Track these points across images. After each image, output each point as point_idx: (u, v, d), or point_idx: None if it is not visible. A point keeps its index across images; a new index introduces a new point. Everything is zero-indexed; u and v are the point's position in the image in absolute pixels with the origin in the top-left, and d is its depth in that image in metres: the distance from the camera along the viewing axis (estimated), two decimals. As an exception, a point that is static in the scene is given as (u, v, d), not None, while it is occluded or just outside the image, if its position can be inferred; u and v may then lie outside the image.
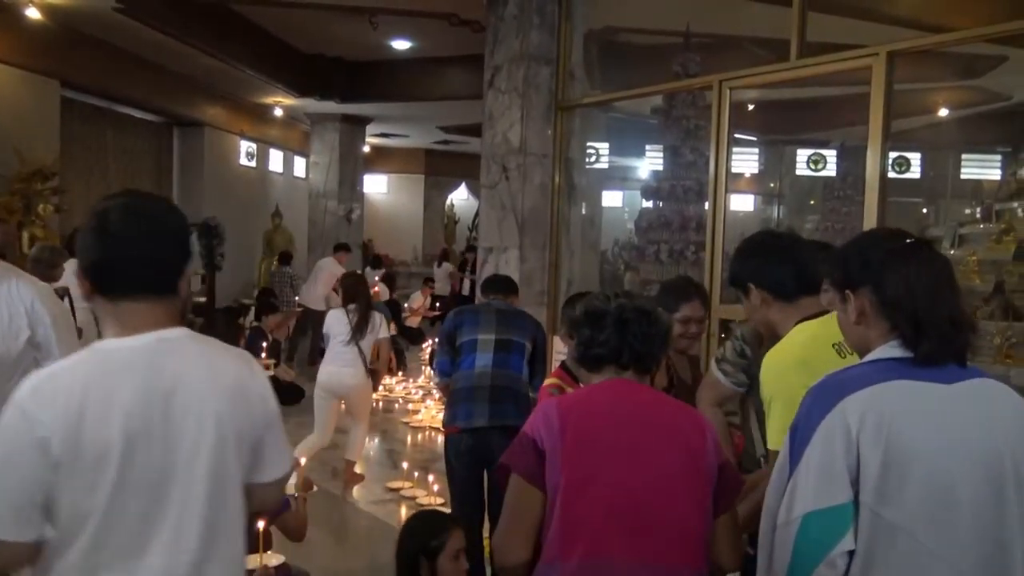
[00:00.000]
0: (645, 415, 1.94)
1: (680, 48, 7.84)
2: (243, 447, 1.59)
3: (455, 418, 3.81)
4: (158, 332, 1.53)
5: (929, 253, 1.64)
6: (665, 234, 7.71)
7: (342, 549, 4.58)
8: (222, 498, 1.54)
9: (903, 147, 12.74)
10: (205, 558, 1.51)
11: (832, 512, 1.49)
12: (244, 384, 1.63)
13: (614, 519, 1.80)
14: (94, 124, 10.74)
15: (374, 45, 10.52)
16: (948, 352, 1.57)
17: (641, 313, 2.01)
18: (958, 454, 1.49)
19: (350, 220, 13.86)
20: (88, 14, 8.25)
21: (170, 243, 1.59)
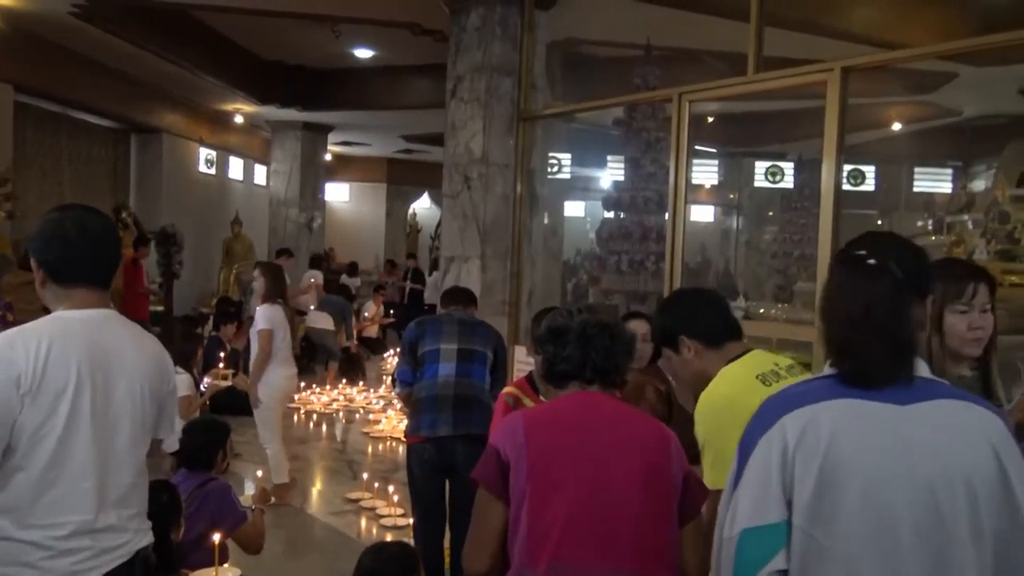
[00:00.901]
0: (608, 426, 1.98)
1: (641, 61, 7.93)
2: (154, 404, 2.14)
3: (419, 427, 3.80)
4: (99, 310, 2.07)
5: (852, 270, 1.55)
6: (626, 244, 7.78)
7: (300, 561, 4.53)
8: (141, 437, 2.11)
9: (858, 160, 13.02)
10: (130, 481, 2.08)
11: (765, 531, 1.46)
12: (160, 358, 2.21)
13: (577, 526, 1.84)
14: (48, 130, 10.54)
15: (336, 53, 10.48)
16: (871, 377, 1.48)
17: (603, 328, 2.06)
18: (901, 479, 1.41)
19: (311, 228, 13.76)
20: (44, 18, 8.11)
21: (110, 249, 2.18)
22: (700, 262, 15.11)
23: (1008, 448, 1.45)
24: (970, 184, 11.25)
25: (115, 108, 11.06)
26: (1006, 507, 1.42)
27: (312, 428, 7.82)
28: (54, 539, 1.88)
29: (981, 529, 1.40)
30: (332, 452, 7.19)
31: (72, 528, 1.90)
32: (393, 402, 8.68)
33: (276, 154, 13.67)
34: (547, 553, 1.83)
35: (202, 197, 13.40)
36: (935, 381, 1.53)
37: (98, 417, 1.95)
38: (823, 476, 1.42)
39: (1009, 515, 1.42)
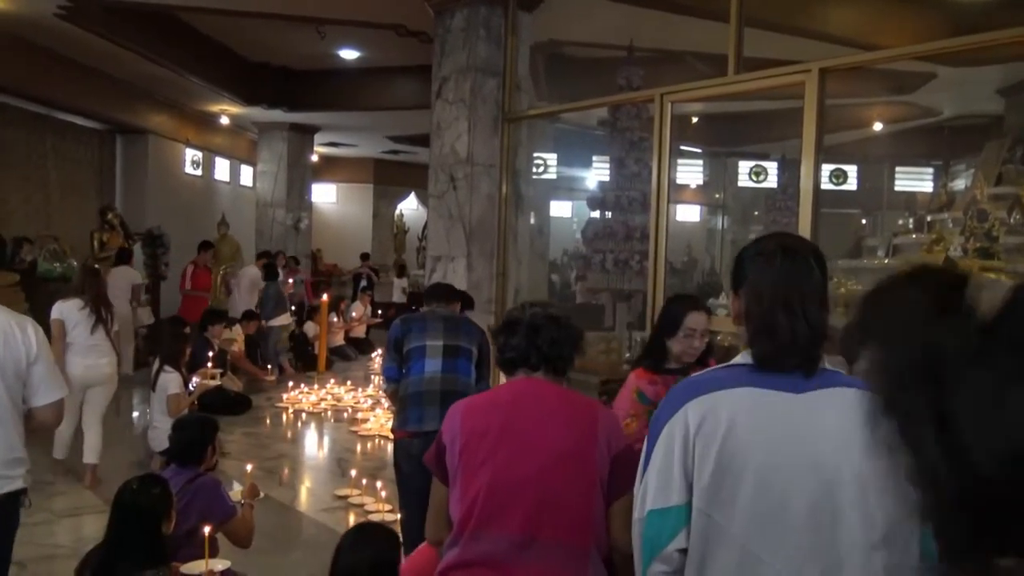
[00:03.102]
0: (536, 408, 2.13)
1: (625, 62, 8.02)
2: (18, 372, 2.57)
3: (406, 422, 3.85)
4: None
5: (787, 259, 1.60)
6: (610, 243, 7.86)
7: (289, 556, 4.57)
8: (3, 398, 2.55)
9: (840, 160, 13.15)
10: None
11: (668, 512, 1.53)
12: (11, 332, 2.55)
13: (492, 499, 2.01)
14: (33, 131, 10.53)
15: (322, 54, 10.52)
16: (787, 360, 1.54)
17: (551, 319, 2.23)
18: (792, 465, 1.47)
19: (298, 229, 13.79)
20: (28, 19, 8.12)
21: None
22: (687, 261, 15.22)
23: None
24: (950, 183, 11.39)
25: (100, 109, 11.06)
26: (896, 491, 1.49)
27: (300, 427, 7.86)
28: None
29: (871, 512, 1.46)
30: (321, 450, 7.25)
31: None
32: (381, 401, 8.73)
33: (262, 155, 13.68)
34: (470, 524, 2.01)
35: (188, 198, 13.40)
36: (833, 371, 1.60)
37: None
38: (721, 461, 1.50)
39: (898, 499, 1.46)
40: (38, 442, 6.64)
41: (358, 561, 2.55)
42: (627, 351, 8.23)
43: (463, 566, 2.02)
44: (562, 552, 1.97)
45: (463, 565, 2.02)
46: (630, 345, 8.47)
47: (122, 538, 2.74)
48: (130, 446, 6.74)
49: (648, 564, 1.58)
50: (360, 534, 2.69)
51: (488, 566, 1.98)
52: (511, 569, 1.97)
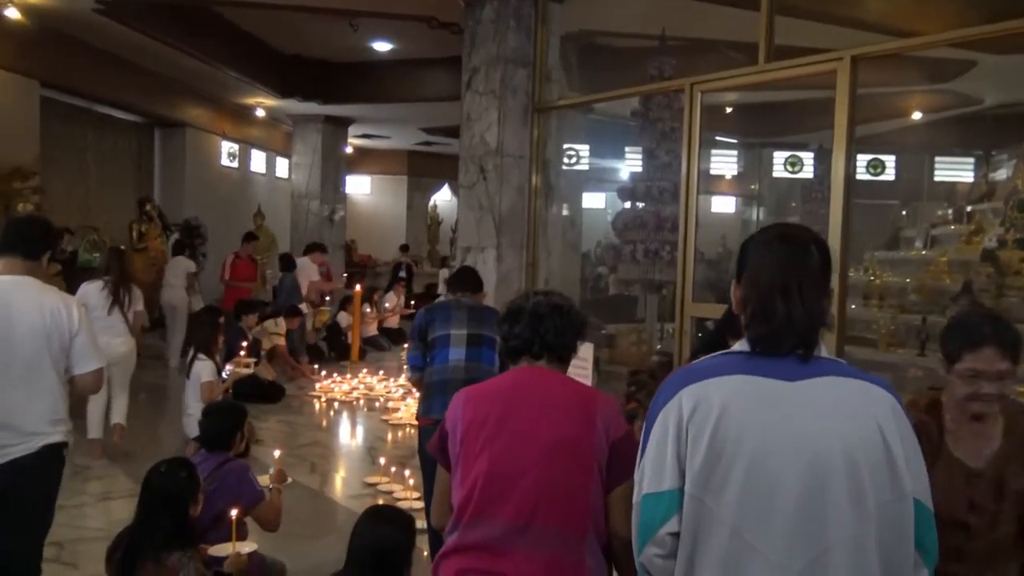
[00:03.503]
0: (541, 395, 2.15)
1: (656, 51, 7.96)
2: (61, 343, 2.98)
3: (430, 410, 3.88)
4: (11, 276, 2.98)
5: (784, 246, 1.61)
6: (641, 234, 7.83)
7: (319, 542, 4.64)
8: (38, 369, 2.94)
9: (878, 149, 12.93)
10: (31, 400, 2.93)
11: (661, 496, 1.56)
12: (57, 308, 2.98)
13: (489, 485, 2.03)
14: (74, 124, 10.75)
15: (355, 47, 10.59)
16: (782, 343, 1.55)
17: (554, 308, 2.25)
18: (783, 453, 1.48)
19: (333, 221, 13.91)
20: (68, 15, 8.29)
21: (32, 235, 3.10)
22: (721, 252, 15.09)
23: (893, 423, 1.51)
24: (991, 173, 11.15)
25: (139, 103, 11.26)
26: (889, 479, 1.48)
27: (333, 415, 7.96)
28: None
29: (863, 500, 1.46)
30: (352, 439, 7.33)
31: None
32: (412, 391, 8.80)
33: (297, 147, 13.82)
34: (469, 510, 2.05)
35: (225, 190, 13.60)
36: (832, 360, 1.60)
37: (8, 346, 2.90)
38: (712, 448, 1.51)
39: (892, 487, 1.48)
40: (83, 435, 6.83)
41: (367, 542, 2.60)
42: (658, 342, 8.21)
43: (462, 550, 2.06)
44: (559, 538, 1.99)
45: (462, 549, 2.06)
46: (661, 336, 8.44)
47: (150, 520, 2.82)
48: (167, 431, 6.89)
49: (642, 547, 1.60)
50: (372, 517, 2.73)
51: (486, 550, 2.02)
52: (508, 553, 1.99)
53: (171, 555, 2.77)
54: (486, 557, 2.01)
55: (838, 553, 1.45)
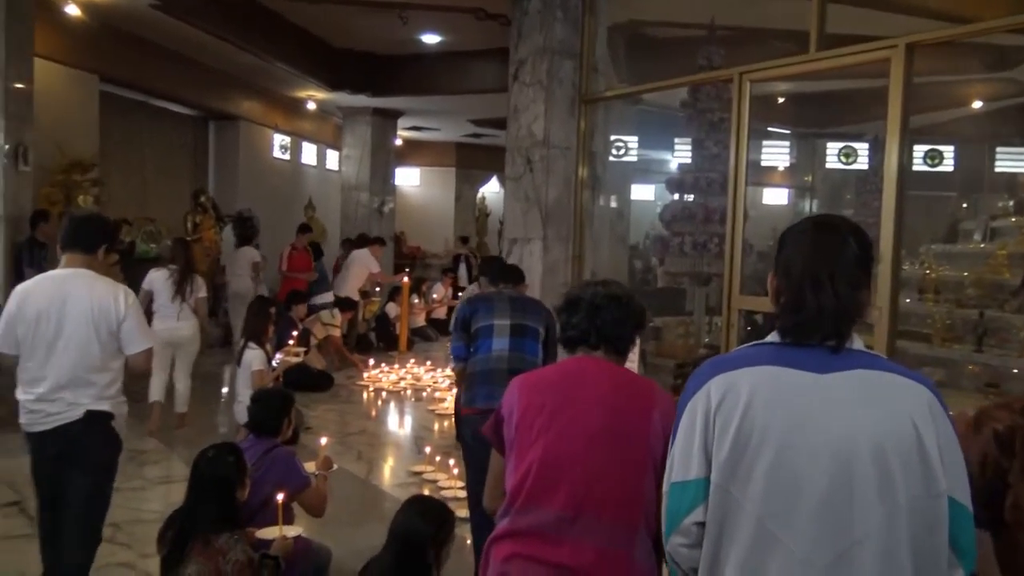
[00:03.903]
0: (597, 385, 2.15)
1: (705, 41, 7.87)
2: (109, 329, 3.33)
3: (474, 399, 3.90)
4: (72, 269, 3.37)
5: (818, 235, 1.60)
6: (689, 226, 7.76)
7: (364, 528, 4.71)
8: (86, 349, 3.30)
9: (935, 140, 12.59)
10: (80, 378, 3.30)
11: (687, 485, 1.55)
12: (107, 296, 3.33)
13: (542, 473, 2.04)
14: (132, 118, 11.02)
15: (404, 39, 10.67)
16: (812, 333, 1.53)
17: (612, 299, 2.25)
18: (809, 446, 1.46)
19: (382, 213, 14.04)
20: (126, 11, 8.49)
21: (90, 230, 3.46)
22: (771, 245, 14.84)
23: (928, 417, 1.46)
24: (1055, 163, 10.81)
25: (194, 96, 11.49)
26: (922, 475, 1.44)
27: (380, 405, 8.06)
28: (26, 403, 3.34)
29: (893, 495, 1.42)
30: (399, 428, 7.41)
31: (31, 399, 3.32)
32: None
33: (347, 140, 13.97)
34: (521, 496, 2.07)
35: (276, 182, 13.81)
36: (865, 353, 1.56)
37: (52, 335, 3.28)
38: (739, 438, 1.49)
39: (924, 483, 1.44)
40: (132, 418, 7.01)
41: (399, 529, 2.65)
42: (705, 335, 8.14)
43: (513, 535, 2.07)
44: (608, 529, 1.99)
45: (513, 534, 2.07)
46: (709, 329, 8.36)
47: (199, 503, 2.90)
48: (224, 418, 7.06)
49: (668, 537, 1.60)
50: (408, 506, 2.77)
51: (537, 537, 2.03)
52: (559, 541, 2.00)
53: (219, 537, 2.84)
54: (536, 544, 2.02)
55: (866, 549, 1.42)
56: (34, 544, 4.15)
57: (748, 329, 8.10)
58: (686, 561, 1.59)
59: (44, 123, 7.53)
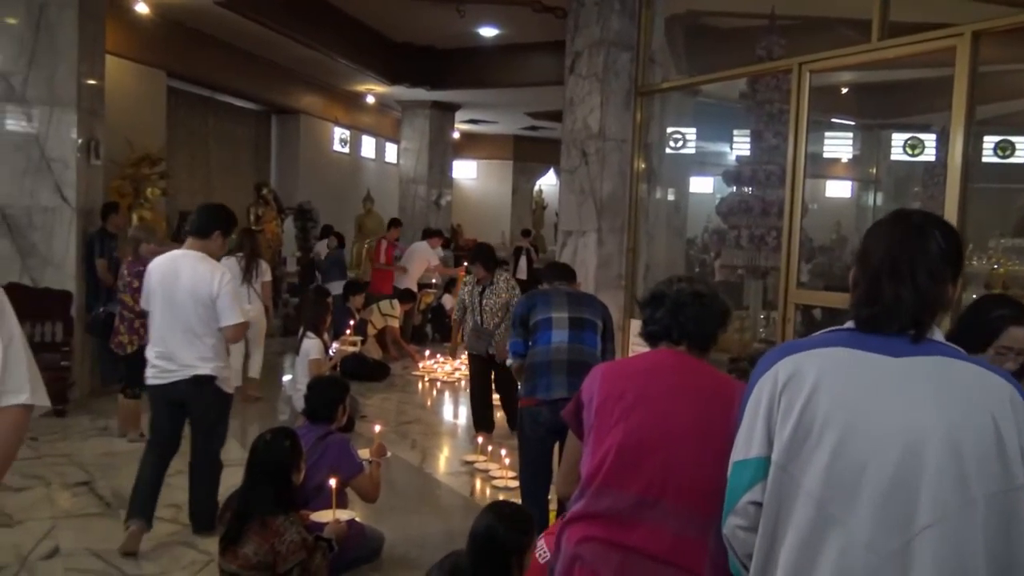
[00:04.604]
0: (679, 378, 2.14)
1: (765, 31, 7.74)
2: (204, 302, 3.94)
3: (535, 390, 3.91)
4: (186, 250, 4.06)
5: (900, 226, 1.57)
6: (746, 219, 7.65)
7: (418, 515, 4.79)
8: (190, 320, 3.94)
9: (1007, 131, 12.17)
10: (186, 341, 3.95)
11: (748, 463, 1.54)
12: (206, 274, 3.94)
13: (621, 458, 2.04)
14: (198, 112, 11.31)
15: (462, 33, 10.73)
16: (888, 323, 1.50)
17: (695, 296, 2.23)
18: (878, 430, 1.42)
19: (439, 205, 14.16)
20: (192, 8, 8.72)
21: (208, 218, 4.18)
22: (835, 239, 14.55)
23: (1008, 411, 1.41)
24: None
25: (257, 91, 11.74)
26: (1000, 470, 1.38)
27: (435, 395, 8.16)
28: (150, 359, 4.04)
29: (966, 488, 1.37)
30: (453, 418, 7.49)
31: (153, 356, 4.01)
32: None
33: (406, 133, 14.12)
34: (597, 479, 2.06)
35: (336, 175, 14.04)
36: (947, 344, 1.51)
37: (165, 304, 3.98)
38: (803, 419, 1.46)
39: (1003, 478, 1.38)
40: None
41: (481, 532, 2.65)
42: (761, 330, 8.03)
43: (587, 517, 2.08)
44: (685, 517, 1.99)
45: (587, 517, 2.08)
46: (766, 324, 8.24)
47: (256, 485, 2.99)
48: (282, 405, 7.23)
49: (726, 518, 1.59)
50: (493, 510, 2.77)
51: (611, 520, 2.03)
52: (633, 526, 2.01)
53: (276, 518, 2.93)
54: (610, 527, 2.03)
55: (933, 539, 1.38)
56: (103, 521, 4.34)
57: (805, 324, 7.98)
58: (742, 546, 1.58)
59: (114, 118, 7.78)
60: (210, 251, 4.09)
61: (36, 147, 6.73)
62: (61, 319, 6.66)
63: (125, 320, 5.69)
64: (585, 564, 2.05)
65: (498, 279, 6.19)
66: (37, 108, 6.70)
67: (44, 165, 6.75)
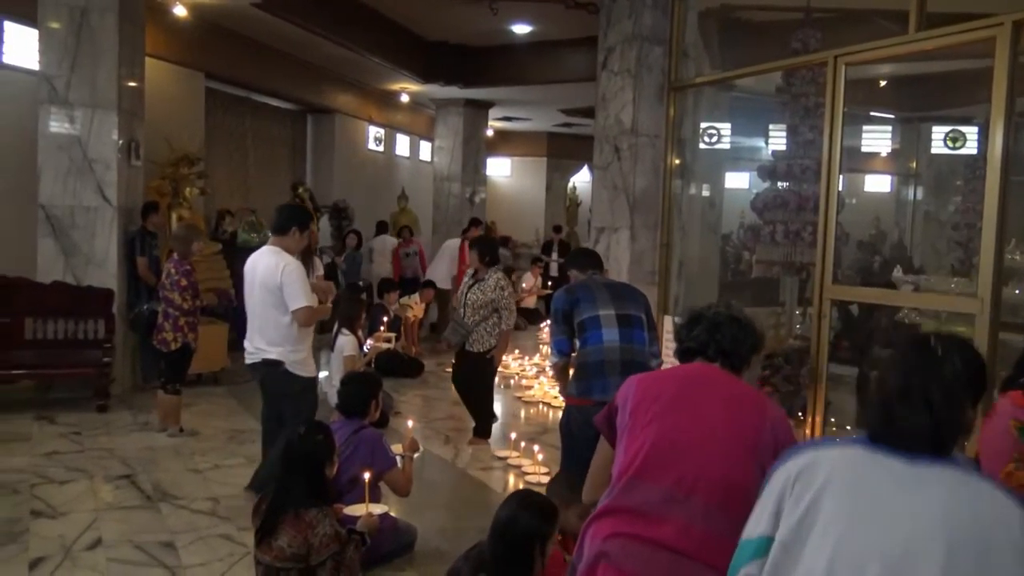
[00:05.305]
0: (713, 386, 2.20)
1: (800, 24, 7.64)
2: (272, 291, 4.31)
3: (589, 391, 3.83)
4: (268, 246, 4.48)
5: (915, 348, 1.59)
6: (781, 214, 7.55)
7: (450, 510, 4.83)
8: (263, 307, 4.38)
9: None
10: (259, 327, 4.43)
11: (750, 541, 1.58)
12: (272, 265, 4.31)
13: (653, 455, 2.08)
14: (235, 113, 11.46)
15: (495, 30, 10.75)
16: (903, 445, 1.49)
17: (732, 319, 2.34)
18: (880, 532, 1.42)
19: (473, 203, 14.20)
20: (229, 10, 8.85)
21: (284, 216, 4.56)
22: (874, 235, 14.32)
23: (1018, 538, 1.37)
24: None
25: (293, 91, 11.87)
26: None
27: (468, 392, 8.19)
28: None
29: None
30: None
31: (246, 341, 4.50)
32: (546, 369, 8.92)
33: (439, 131, 14.18)
34: (628, 474, 2.11)
35: (371, 173, 14.14)
36: (963, 459, 1.51)
37: (248, 294, 4.47)
38: (811, 508, 1.48)
39: None
40: (233, 399, 7.30)
41: (504, 520, 2.67)
42: (797, 326, 7.94)
43: (614, 513, 2.09)
44: (716, 516, 2.00)
45: (614, 512, 2.09)
46: (802, 320, 8.16)
47: (290, 478, 3.04)
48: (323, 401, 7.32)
49: None
50: (516, 499, 2.78)
51: (640, 515, 2.04)
52: (662, 521, 2.02)
53: (309, 511, 2.98)
54: (637, 522, 2.04)
55: None
56: (144, 513, 4.44)
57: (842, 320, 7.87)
58: None
59: (154, 119, 7.92)
60: (287, 246, 4.43)
61: (78, 148, 6.88)
62: (103, 316, 6.81)
63: (170, 317, 5.79)
64: (611, 560, 2.05)
65: (490, 277, 6.05)
66: (79, 110, 6.86)
67: (86, 166, 6.90)
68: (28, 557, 3.80)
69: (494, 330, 6.00)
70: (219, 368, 7.81)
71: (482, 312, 5.98)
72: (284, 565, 2.95)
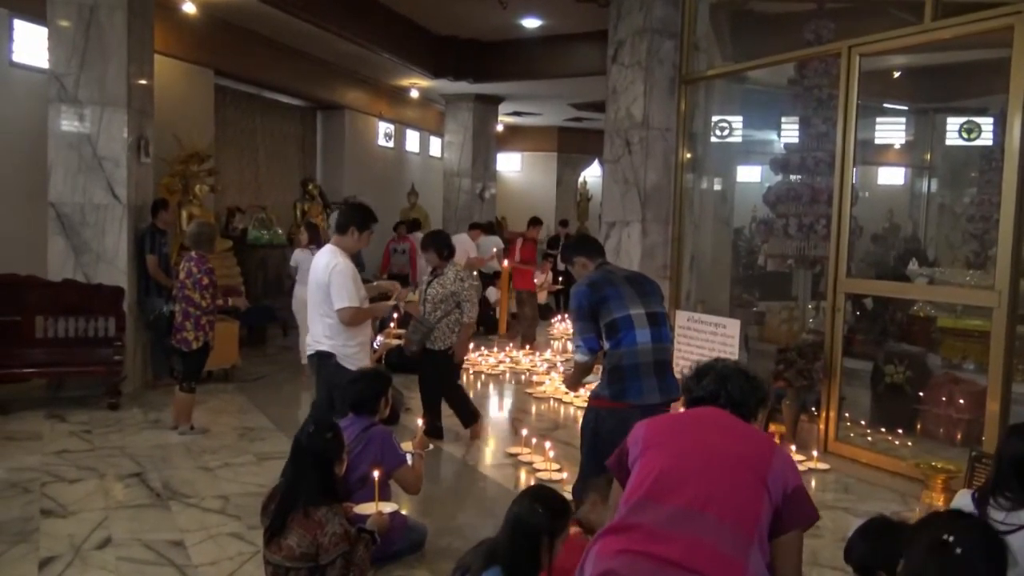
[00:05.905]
0: (723, 424, 2.27)
1: (814, 15, 7.56)
2: (322, 287, 4.54)
3: (625, 394, 3.75)
4: (330, 244, 4.72)
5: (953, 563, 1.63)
6: (794, 207, 7.49)
7: (460, 506, 4.80)
8: (315, 304, 4.61)
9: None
10: (313, 321, 4.67)
11: None
12: (324, 263, 4.57)
13: (663, 480, 2.10)
14: (245, 110, 11.47)
15: (504, 25, 10.71)
16: None
17: (740, 372, 2.43)
18: None
19: (483, 198, 14.17)
20: (238, 6, 8.83)
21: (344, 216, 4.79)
22: (888, 228, 14.20)
23: None
24: None
25: (303, 87, 11.86)
26: None
27: (480, 387, 8.16)
28: None
29: None
30: (498, 410, 7.49)
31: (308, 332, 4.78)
32: (557, 365, 8.88)
33: (449, 126, 14.15)
34: (639, 492, 2.12)
35: (381, 169, 14.13)
36: None
37: (307, 289, 4.74)
38: None
39: None
40: (243, 395, 7.29)
41: (516, 515, 2.64)
42: (810, 319, 7.88)
43: (622, 530, 2.07)
44: (727, 533, 1.98)
45: (622, 529, 2.07)
46: (816, 314, 8.09)
47: (299, 476, 3.01)
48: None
49: None
50: (528, 493, 2.74)
51: (646, 533, 2.02)
52: (670, 538, 1.99)
53: (318, 509, 2.95)
54: (646, 540, 2.01)
55: None
56: (154, 512, 4.42)
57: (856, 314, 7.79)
58: None
59: (163, 116, 7.91)
60: (345, 245, 4.63)
61: (88, 146, 6.88)
62: (113, 314, 6.81)
63: (191, 317, 5.76)
64: None
65: (449, 270, 6.00)
66: (89, 108, 6.85)
67: (96, 164, 6.90)
68: (38, 556, 3.79)
69: (456, 327, 5.96)
70: (230, 365, 7.80)
71: (443, 307, 5.93)
72: (294, 564, 2.92)
